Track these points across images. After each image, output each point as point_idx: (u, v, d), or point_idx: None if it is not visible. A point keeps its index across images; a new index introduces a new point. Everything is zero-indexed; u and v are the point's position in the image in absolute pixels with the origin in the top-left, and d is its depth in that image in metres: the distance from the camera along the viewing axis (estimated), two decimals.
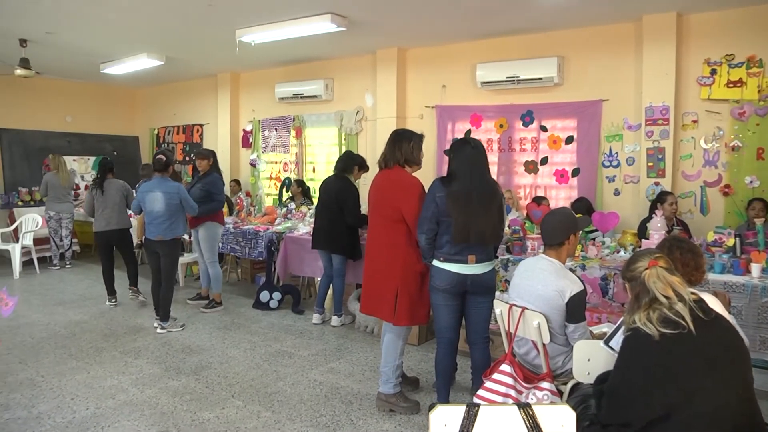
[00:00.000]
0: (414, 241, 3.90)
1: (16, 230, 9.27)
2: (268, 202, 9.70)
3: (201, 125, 11.13)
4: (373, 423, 3.90)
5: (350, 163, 6.16)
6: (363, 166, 6.31)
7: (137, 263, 7.49)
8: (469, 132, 7.57)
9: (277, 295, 6.75)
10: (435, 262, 3.79)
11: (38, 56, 8.39)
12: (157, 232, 5.90)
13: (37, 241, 9.21)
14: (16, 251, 8.74)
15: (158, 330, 5.92)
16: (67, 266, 9.42)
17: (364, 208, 5.43)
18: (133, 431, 3.77)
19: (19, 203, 10.28)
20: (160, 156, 6.01)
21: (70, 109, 11.55)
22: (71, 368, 4.92)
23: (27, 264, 9.03)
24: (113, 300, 7.02)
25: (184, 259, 7.88)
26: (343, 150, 8.74)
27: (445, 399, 3.88)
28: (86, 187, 8.79)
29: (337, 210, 5.88)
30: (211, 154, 6.92)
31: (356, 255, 5.91)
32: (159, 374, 4.76)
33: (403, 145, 4.03)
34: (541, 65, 6.91)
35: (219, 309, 6.78)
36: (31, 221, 9.24)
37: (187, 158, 11.36)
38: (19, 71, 8.14)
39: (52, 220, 9.14)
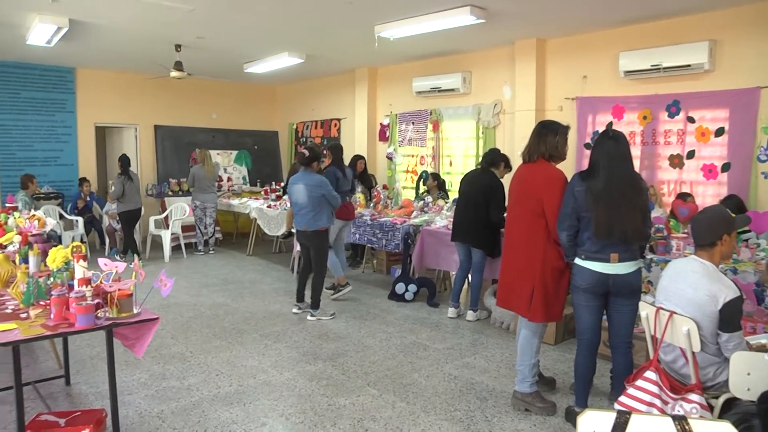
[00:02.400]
0: (554, 237, 3.80)
1: (166, 218, 10.10)
2: (405, 195, 9.82)
3: (339, 120, 11.46)
4: (507, 421, 3.85)
5: (498, 158, 6.08)
6: (508, 165, 6.22)
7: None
8: (610, 124, 7.21)
9: (412, 288, 6.82)
10: (577, 260, 3.65)
11: (189, 59, 9.04)
12: (302, 223, 6.16)
13: (184, 228, 9.98)
14: (166, 237, 9.50)
15: (308, 317, 6.16)
16: (211, 252, 10.09)
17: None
18: (273, 410, 3.97)
19: (169, 193, 11.15)
20: (303, 150, 6.25)
21: (215, 106, 12.36)
22: (216, 347, 5.28)
23: (175, 249, 9.78)
24: (299, 308, 6.47)
25: None
26: (481, 144, 8.69)
27: (583, 403, 3.74)
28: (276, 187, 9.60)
29: (482, 204, 5.82)
30: (329, 149, 7.44)
31: (496, 252, 5.84)
32: (297, 358, 4.97)
33: (549, 138, 3.90)
34: (689, 51, 6.43)
35: (345, 290, 7.01)
36: (180, 210, 10.03)
37: (325, 152, 11.70)
38: (174, 73, 8.86)
39: (198, 209, 9.85)
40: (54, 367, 4.76)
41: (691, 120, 6.64)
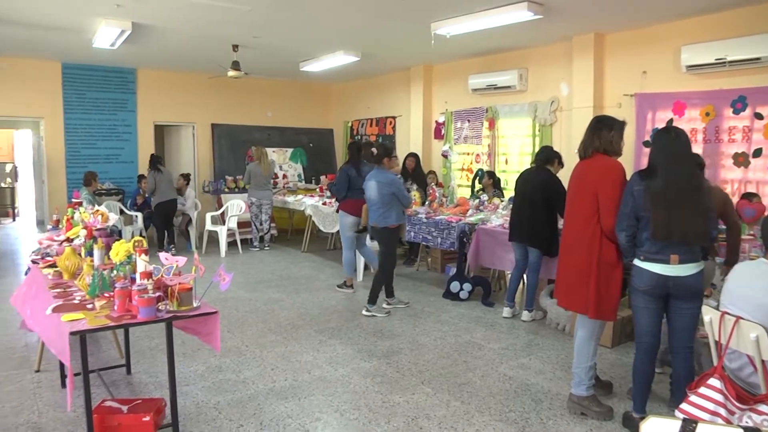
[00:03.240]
0: (606, 229, 3.69)
1: (223, 214, 10.31)
2: (460, 193, 9.75)
3: (394, 117, 11.46)
4: (563, 425, 3.77)
5: (551, 155, 5.98)
6: (561, 161, 6.10)
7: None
8: (671, 121, 6.98)
9: (467, 286, 6.77)
10: (636, 261, 3.55)
11: (246, 58, 9.20)
12: (373, 219, 6.30)
13: (240, 225, 10.16)
14: (222, 233, 9.72)
15: (363, 312, 6.24)
16: (266, 248, 10.25)
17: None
18: (328, 406, 3.99)
19: (226, 190, 11.35)
20: (373, 148, 6.34)
21: (270, 104, 12.54)
22: (271, 341, 5.36)
23: (231, 245, 9.99)
24: (388, 303, 6.54)
25: (374, 246, 8.13)
26: (537, 142, 8.56)
27: (641, 409, 3.64)
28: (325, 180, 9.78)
29: (540, 202, 5.74)
30: (349, 148, 7.65)
31: (553, 251, 5.74)
32: (351, 355, 5.00)
33: (603, 133, 3.81)
34: (757, 43, 6.13)
35: (348, 291, 7.25)
36: (236, 206, 10.22)
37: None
38: (231, 73, 9.04)
39: (254, 206, 10.03)
40: (116, 356, 4.93)
41: (758, 116, 6.37)
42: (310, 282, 7.78)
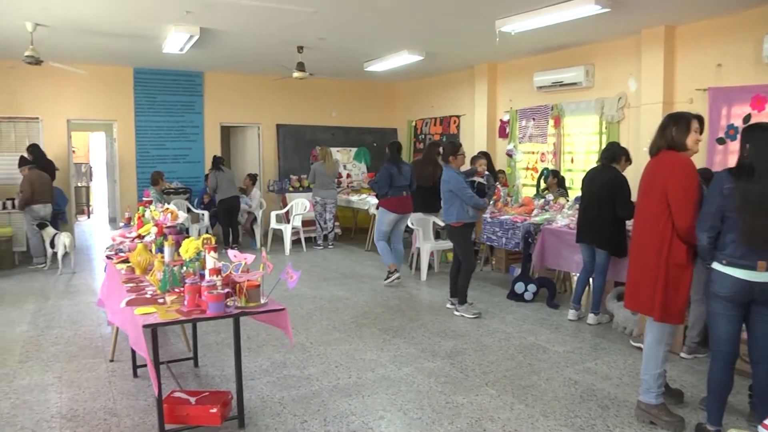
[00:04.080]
0: (678, 228, 3.53)
1: (287, 213, 10.47)
2: (525, 192, 9.61)
3: (458, 116, 11.39)
4: None
5: (618, 152, 5.81)
6: (629, 158, 5.91)
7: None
8: (748, 117, 6.66)
9: (532, 287, 6.66)
10: (716, 265, 3.36)
11: (311, 59, 9.28)
12: (443, 217, 6.40)
13: (305, 223, 10.34)
14: (287, 231, 9.88)
15: (454, 312, 6.23)
16: (330, 247, 10.37)
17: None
18: (391, 404, 3.99)
19: (290, 189, 11.54)
20: (440, 147, 6.33)
21: (335, 104, 12.65)
22: (335, 339, 5.40)
23: (295, 243, 10.17)
24: (451, 302, 6.48)
25: (438, 245, 8.14)
26: (604, 139, 8.34)
27: (716, 421, 3.44)
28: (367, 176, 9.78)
29: (606, 202, 5.59)
30: (390, 146, 7.90)
31: (621, 252, 5.58)
32: (415, 354, 4.98)
33: (667, 131, 3.68)
34: None
35: (393, 276, 7.49)
36: (300, 205, 10.38)
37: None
38: (296, 74, 9.16)
39: (318, 205, 10.15)
40: (183, 349, 5.08)
41: None
42: (374, 280, 7.81)
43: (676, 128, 3.66)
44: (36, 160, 9.21)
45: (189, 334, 5.00)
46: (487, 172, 7.12)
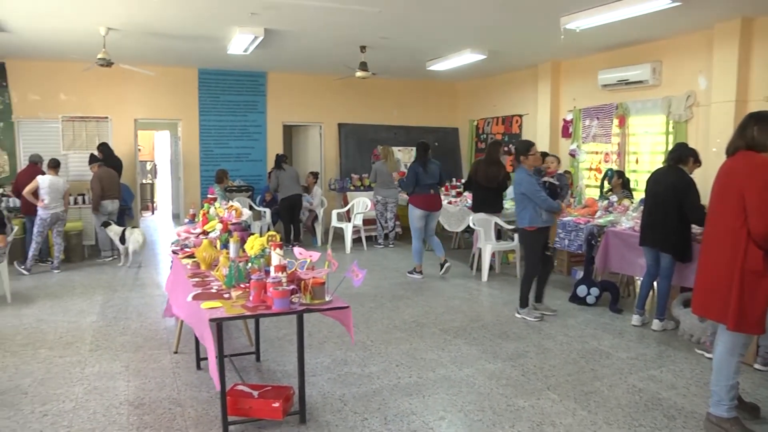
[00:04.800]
0: (754, 233, 3.36)
1: (348, 211, 10.53)
2: (589, 193, 9.41)
3: (520, 116, 11.25)
4: None
5: (686, 152, 5.59)
6: (698, 159, 5.68)
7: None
8: None
9: (594, 291, 6.51)
10: None
11: (374, 59, 9.32)
12: (517, 221, 6.18)
13: (365, 222, 10.38)
14: (348, 230, 9.95)
15: (515, 314, 6.13)
16: (390, 246, 10.38)
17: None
18: (452, 405, 3.97)
19: (351, 188, 11.65)
20: (502, 147, 6.13)
21: (396, 104, 12.67)
22: (396, 338, 5.40)
23: (356, 241, 10.22)
24: (535, 308, 6.23)
25: (500, 246, 8.06)
26: (670, 139, 8.09)
27: None
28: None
29: (672, 204, 5.39)
30: (419, 146, 8.10)
31: (687, 256, 5.40)
32: (476, 356, 4.94)
33: (747, 130, 3.50)
34: None
35: (417, 277, 7.81)
36: (362, 204, 10.43)
37: (505, 148, 11.56)
38: (359, 73, 9.22)
39: (379, 204, 10.17)
40: (246, 343, 5.17)
41: None
42: (434, 281, 7.79)
43: (757, 128, 3.49)
44: (106, 158, 9.58)
45: (251, 329, 5.09)
46: (559, 171, 6.98)
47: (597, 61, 9.27)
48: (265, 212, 10.45)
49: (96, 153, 9.66)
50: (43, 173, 8.51)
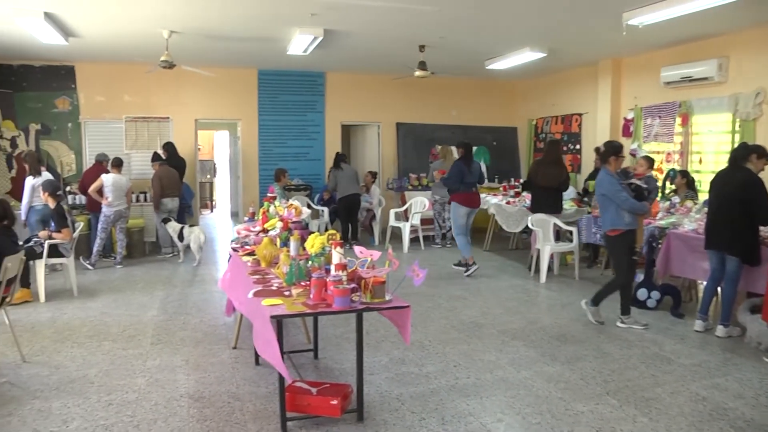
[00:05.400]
0: None
1: (406, 211, 10.55)
2: None
3: (580, 114, 11.06)
4: None
5: (746, 150, 5.38)
6: (764, 155, 5.39)
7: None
8: None
9: (655, 295, 6.34)
10: None
11: (432, 58, 9.31)
12: (601, 224, 5.96)
13: (423, 221, 10.40)
14: (405, 229, 9.96)
15: (618, 324, 5.77)
16: (447, 246, 10.36)
17: None
18: (509, 407, 3.93)
19: (409, 187, 11.64)
20: (599, 146, 5.90)
21: (454, 103, 12.62)
22: (453, 338, 5.39)
23: (413, 241, 10.22)
24: (629, 318, 5.85)
25: (558, 247, 7.94)
26: (737, 138, 7.82)
27: None
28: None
29: (739, 205, 5.20)
30: (463, 145, 8.36)
31: (755, 260, 5.20)
32: (534, 358, 4.88)
33: None
34: None
35: (473, 268, 8.01)
36: (419, 204, 10.45)
37: (564, 148, 11.41)
38: (417, 73, 9.24)
39: (437, 204, 10.16)
40: (303, 341, 5.25)
41: None
42: (492, 281, 7.76)
43: None
44: (170, 157, 9.85)
45: (309, 326, 5.16)
46: (649, 173, 6.82)
47: (659, 58, 9.03)
48: (323, 211, 10.56)
49: (159, 151, 9.95)
50: (108, 172, 8.81)
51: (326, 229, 9.49)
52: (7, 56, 9.87)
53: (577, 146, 11.19)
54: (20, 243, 6.40)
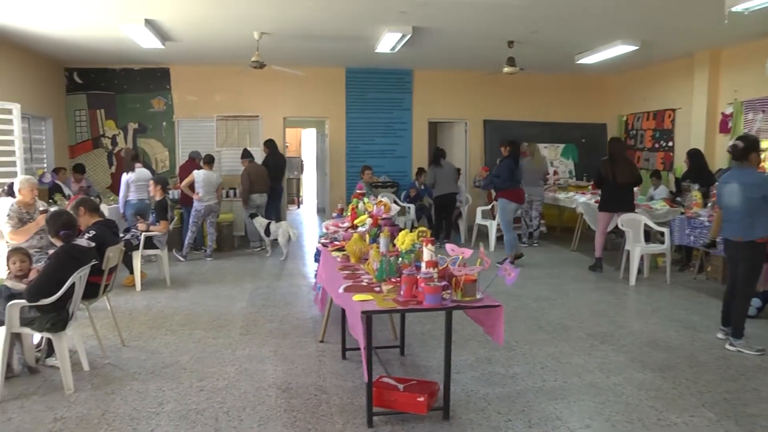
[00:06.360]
0: None
1: (493, 209, 10.39)
2: None
3: (673, 110, 10.61)
4: None
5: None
6: None
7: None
8: None
9: (756, 302, 5.97)
10: None
11: (521, 54, 9.17)
12: (733, 232, 5.07)
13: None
14: (492, 227, 9.86)
15: (727, 346, 5.11)
16: (534, 245, 10.23)
17: None
18: (598, 414, 3.82)
19: None
20: (737, 141, 5.12)
21: (542, 99, 12.37)
22: (540, 339, 5.30)
23: (499, 239, 9.91)
24: (724, 333, 5.34)
25: (649, 248, 7.66)
26: None
27: None
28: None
29: None
30: (510, 143, 8.51)
31: None
32: (624, 363, 4.72)
33: None
34: None
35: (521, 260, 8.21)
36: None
37: (656, 144, 10.98)
38: (506, 69, 9.14)
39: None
40: (390, 337, 5.28)
41: None
42: (579, 282, 7.59)
43: None
44: (271, 154, 10.18)
45: (396, 323, 5.20)
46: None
47: (764, 47, 8.49)
48: (409, 208, 10.59)
49: (250, 149, 10.25)
50: (200, 168, 9.17)
51: (413, 226, 9.52)
52: (111, 60, 10.56)
53: (670, 143, 10.72)
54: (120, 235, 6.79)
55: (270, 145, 10.32)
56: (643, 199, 9.07)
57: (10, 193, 6.40)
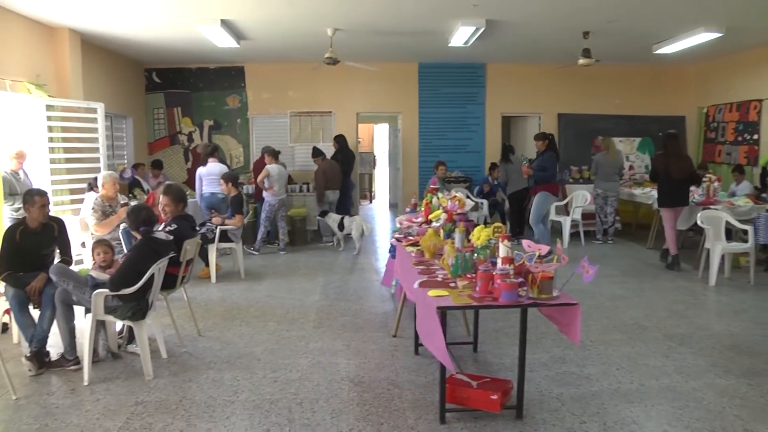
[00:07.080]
0: None
1: (567, 204, 10.23)
2: None
3: (759, 101, 10.05)
4: None
5: None
6: None
7: None
8: None
9: None
10: None
11: (596, 45, 8.93)
12: None
13: (584, 216, 10.03)
14: (566, 223, 9.70)
15: None
16: (609, 242, 9.98)
17: None
18: (677, 420, 3.67)
19: (570, 180, 11.32)
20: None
21: (618, 92, 11.99)
22: (616, 340, 5.16)
23: (573, 236, 9.91)
24: None
25: (731, 247, 7.33)
26: None
27: None
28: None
29: None
30: (547, 137, 8.62)
31: None
32: (704, 368, 4.53)
33: None
34: None
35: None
36: (581, 197, 10.13)
37: (739, 138, 10.49)
38: (581, 60, 8.91)
39: (599, 198, 9.80)
40: (462, 333, 5.26)
41: None
42: (656, 281, 7.34)
43: None
44: (341, 149, 10.32)
45: (469, 319, 5.18)
46: None
47: None
48: (482, 203, 10.52)
49: (319, 146, 10.40)
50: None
51: (485, 222, 9.46)
52: (187, 60, 10.97)
53: (755, 136, 10.17)
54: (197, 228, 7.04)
55: (340, 140, 10.45)
56: (724, 195, 8.68)
57: (94, 187, 6.74)
